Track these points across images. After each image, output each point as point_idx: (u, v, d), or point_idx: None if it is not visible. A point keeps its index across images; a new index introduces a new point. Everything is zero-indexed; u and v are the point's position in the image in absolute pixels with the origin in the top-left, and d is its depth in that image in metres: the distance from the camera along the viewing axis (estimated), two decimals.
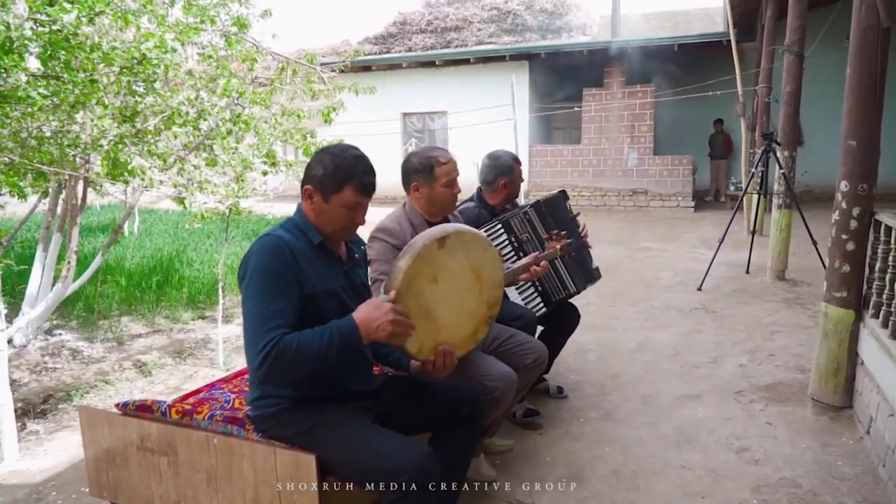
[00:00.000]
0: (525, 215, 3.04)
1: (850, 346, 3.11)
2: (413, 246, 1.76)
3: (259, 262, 1.75)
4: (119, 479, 2.17)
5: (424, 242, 1.76)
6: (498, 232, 3.01)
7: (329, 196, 1.83)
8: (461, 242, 1.85)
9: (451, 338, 1.90)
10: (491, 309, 2.01)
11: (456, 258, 1.84)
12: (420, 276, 1.75)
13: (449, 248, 1.81)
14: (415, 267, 1.73)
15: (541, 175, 13.34)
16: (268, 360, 1.64)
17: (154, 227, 9.43)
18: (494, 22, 18.95)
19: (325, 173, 1.83)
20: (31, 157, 3.16)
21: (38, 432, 3.23)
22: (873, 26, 2.95)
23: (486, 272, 1.95)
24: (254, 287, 1.74)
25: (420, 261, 1.74)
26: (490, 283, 1.97)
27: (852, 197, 3.03)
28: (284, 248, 1.77)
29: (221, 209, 3.93)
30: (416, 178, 2.47)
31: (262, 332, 1.68)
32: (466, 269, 1.89)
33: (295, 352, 1.66)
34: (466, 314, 1.93)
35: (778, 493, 2.49)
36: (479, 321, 1.98)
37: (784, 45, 6.08)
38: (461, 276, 1.88)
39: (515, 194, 3.19)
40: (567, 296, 3.19)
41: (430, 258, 1.77)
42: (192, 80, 3.78)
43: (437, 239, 1.78)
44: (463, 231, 1.87)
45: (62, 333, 4.56)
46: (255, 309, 1.72)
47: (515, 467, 2.72)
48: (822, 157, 11.61)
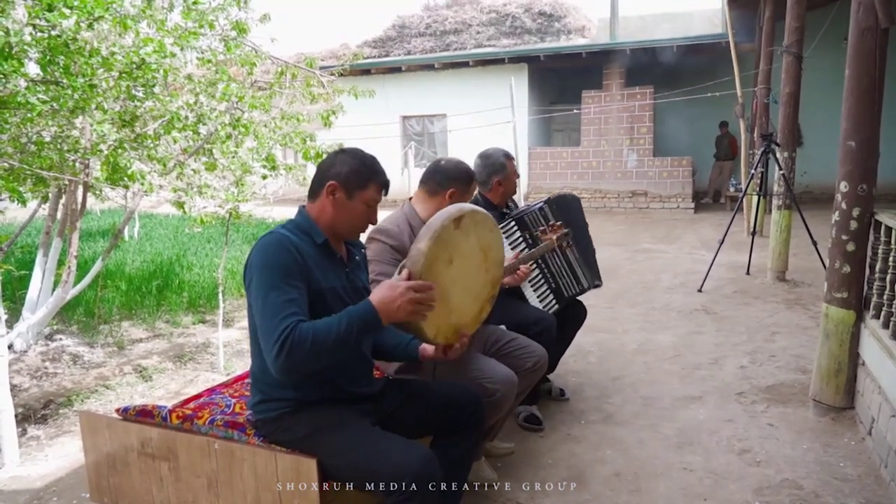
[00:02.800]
0: (541, 211, 3.07)
1: (852, 347, 3.11)
2: (431, 226, 1.72)
3: (265, 259, 1.74)
4: (120, 484, 2.16)
5: (443, 223, 1.72)
6: (512, 229, 3.03)
7: (354, 192, 1.86)
8: (474, 222, 1.84)
9: (462, 318, 1.89)
10: (494, 288, 2.01)
11: (468, 239, 1.83)
12: (438, 259, 1.73)
13: (463, 229, 1.79)
14: (435, 249, 1.70)
15: (540, 177, 13.35)
16: (285, 349, 1.60)
17: (154, 232, 9.43)
18: (493, 25, 18.98)
19: (352, 170, 1.86)
20: (31, 163, 3.16)
21: (38, 438, 3.22)
22: (871, 27, 2.96)
23: (492, 251, 1.96)
24: (263, 282, 1.71)
25: (439, 242, 1.71)
26: (494, 262, 1.98)
27: (852, 197, 3.03)
28: (289, 244, 1.77)
29: (221, 213, 3.94)
30: (456, 185, 2.49)
31: (276, 321, 1.64)
32: (476, 249, 1.88)
33: (313, 339, 1.62)
34: (474, 294, 1.93)
35: (780, 495, 2.48)
36: (484, 300, 1.98)
37: (783, 46, 6.09)
38: (472, 257, 1.87)
39: (512, 191, 3.16)
40: (579, 291, 3.21)
41: (447, 239, 1.75)
42: (192, 85, 3.78)
43: (454, 219, 1.75)
44: (476, 210, 1.86)
45: (63, 338, 4.55)
46: (267, 303, 1.68)
47: (516, 470, 2.71)
48: (821, 158, 11.62)
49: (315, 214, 1.90)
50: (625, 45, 12.48)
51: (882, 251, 2.93)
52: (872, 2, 2.92)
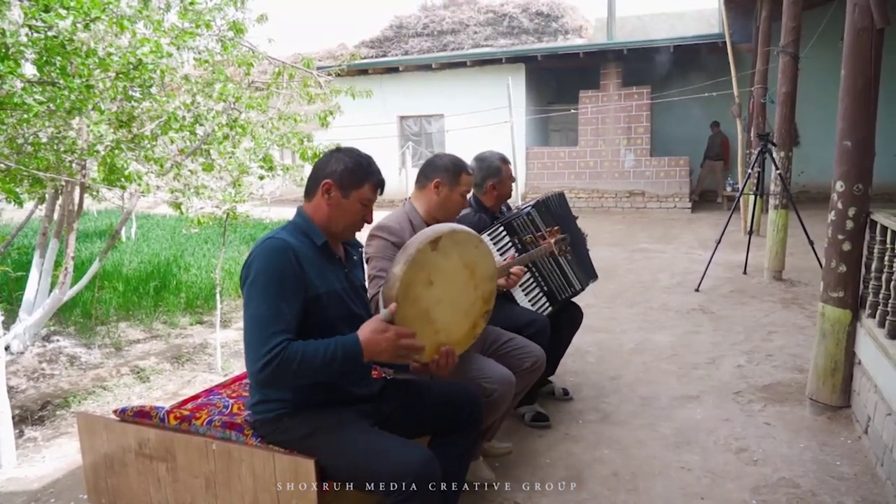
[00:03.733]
0: (528, 216, 3.05)
1: (848, 346, 3.12)
2: (406, 251, 1.77)
3: (263, 266, 1.76)
4: (117, 485, 2.16)
5: (418, 247, 1.77)
6: (501, 235, 3.02)
7: (349, 191, 1.88)
8: (454, 242, 1.86)
9: (451, 336, 1.91)
10: (486, 304, 2.03)
11: (449, 259, 1.85)
12: (415, 282, 1.77)
13: (442, 250, 1.82)
14: (410, 273, 1.74)
15: (538, 177, 13.36)
16: (271, 366, 1.65)
17: (151, 233, 9.41)
18: (490, 25, 18.99)
19: (347, 169, 1.88)
20: (28, 164, 3.16)
21: (35, 439, 3.22)
22: (867, 28, 2.97)
23: (480, 267, 1.96)
24: (257, 290, 1.74)
25: (414, 266, 1.75)
26: (483, 277, 1.99)
27: (848, 197, 3.04)
28: (288, 251, 1.78)
29: (218, 214, 3.93)
30: (442, 175, 2.49)
31: (265, 335, 1.68)
32: (460, 267, 1.90)
33: (300, 362, 1.67)
34: (463, 312, 1.94)
35: (777, 494, 2.49)
36: (476, 316, 2.00)
37: (779, 46, 6.11)
38: (455, 276, 1.89)
39: (506, 195, 3.14)
40: (573, 294, 3.20)
41: (424, 262, 1.78)
42: (189, 85, 3.78)
43: (429, 242, 1.79)
44: (455, 231, 1.87)
45: (60, 340, 4.54)
46: (259, 312, 1.71)
47: (514, 470, 2.72)
48: (817, 158, 11.65)
49: (310, 213, 1.92)
50: (622, 45, 12.49)
51: (878, 250, 2.94)
52: (868, 2, 2.93)
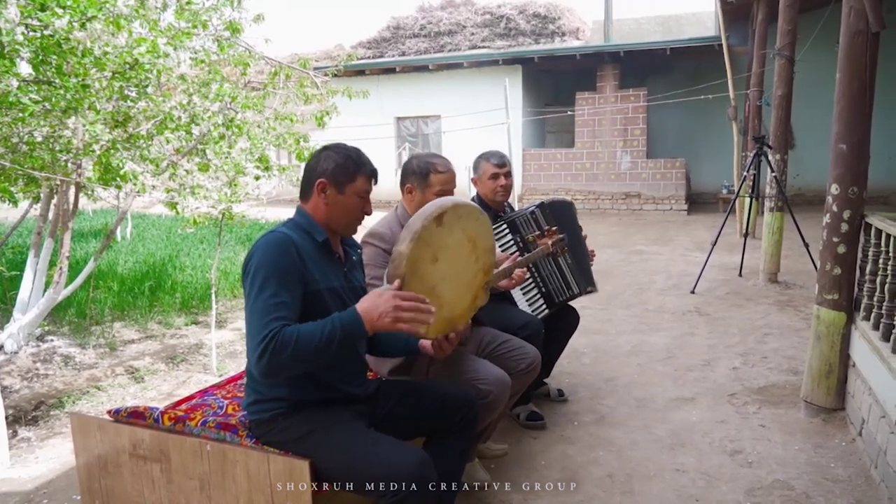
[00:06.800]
0: (531, 214, 3.06)
1: (842, 349, 3.13)
2: (411, 227, 1.72)
3: (264, 258, 1.76)
4: (111, 486, 2.15)
5: (423, 223, 1.72)
6: (504, 232, 3.03)
7: (344, 186, 1.89)
8: (457, 216, 1.83)
9: (454, 311, 1.90)
10: (486, 275, 2.02)
11: (453, 233, 1.83)
12: (422, 259, 1.73)
13: (446, 225, 1.79)
14: (416, 250, 1.70)
15: (534, 179, 13.38)
16: (267, 352, 1.61)
17: (147, 233, 9.39)
18: (487, 26, 18.97)
19: (338, 165, 1.88)
20: (23, 163, 3.15)
21: (29, 439, 3.20)
22: (862, 31, 2.98)
23: (480, 240, 1.95)
24: (257, 281, 1.73)
25: (420, 243, 1.71)
26: (484, 249, 1.98)
27: (843, 200, 3.05)
28: (290, 244, 1.78)
29: (214, 214, 3.92)
30: (411, 179, 2.51)
31: (263, 322, 1.65)
32: (464, 241, 1.88)
33: (295, 344, 1.62)
34: (465, 285, 1.93)
35: (771, 496, 2.50)
36: (477, 288, 1.99)
37: (775, 49, 6.13)
38: (460, 249, 1.87)
39: (489, 194, 3.11)
40: (570, 297, 3.20)
41: (430, 238, 1.74)
42: (185, 85, 3.77)
43: (434, 217, 1.75)
44: (458, 204, 1.85)
45: (54, 339, 4.52)
46: (258, 302, 1.70)
47: (510, 471, 2.72)
48: (813, 161, 11.70)
49: (311, 212, 1.92)
50: (619, 48, 12.53)
51: (872, 253, 2.95)
52: (863, 6, 2.95)
